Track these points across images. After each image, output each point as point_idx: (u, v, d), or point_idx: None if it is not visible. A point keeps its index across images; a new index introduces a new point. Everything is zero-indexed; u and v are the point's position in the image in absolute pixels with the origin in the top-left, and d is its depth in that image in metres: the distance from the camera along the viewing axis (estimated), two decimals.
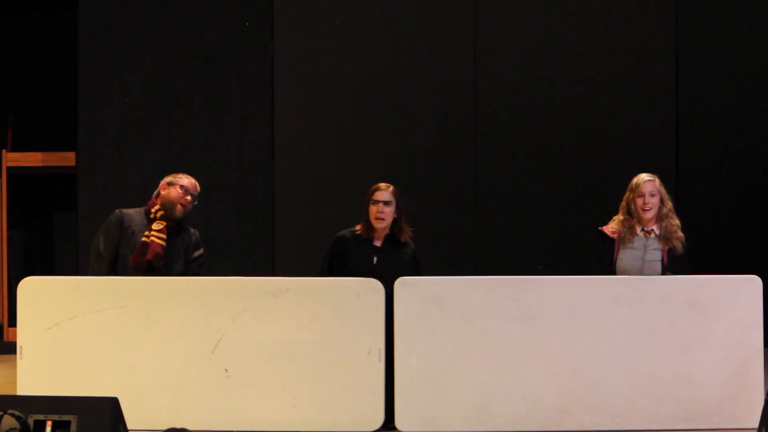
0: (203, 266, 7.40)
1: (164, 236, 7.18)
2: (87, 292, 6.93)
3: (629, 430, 6.76)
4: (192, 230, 7.42)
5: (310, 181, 10.34)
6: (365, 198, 7.17)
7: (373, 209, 7.11)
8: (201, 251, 7.42)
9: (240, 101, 10.38)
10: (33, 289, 6.98)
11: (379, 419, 6.85)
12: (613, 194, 7.42)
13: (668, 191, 7.22)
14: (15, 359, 6.97)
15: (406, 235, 7.20)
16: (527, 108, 10.33)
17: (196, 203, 7.38)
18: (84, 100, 10.37)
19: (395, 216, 7.13)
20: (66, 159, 10.80)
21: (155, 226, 7.18)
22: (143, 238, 7.15)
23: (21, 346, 6.93)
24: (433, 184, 10.29)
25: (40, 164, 11.07)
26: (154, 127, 10.38)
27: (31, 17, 11.38)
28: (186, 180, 7.34)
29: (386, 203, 7.09)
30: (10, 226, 11.10)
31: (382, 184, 7.18)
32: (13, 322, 9.98)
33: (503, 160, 10.31)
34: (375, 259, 7.12)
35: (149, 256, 7.10)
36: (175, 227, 7.27)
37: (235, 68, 10.39)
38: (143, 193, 7.83)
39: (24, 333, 6.94)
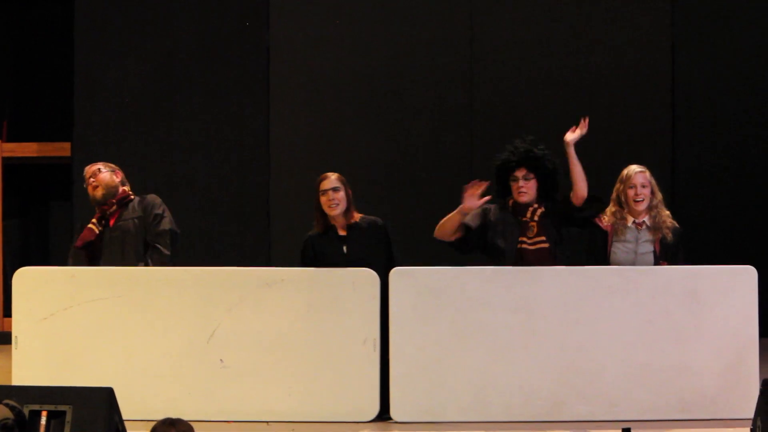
0: (162, 221, 7.30)
1: (95, 220, 7.30)
2: (82, 283, 6.93)
3: (625, 420, 6.75)
4: (147, 201, 7.40)
5: (305, 172, 10.29)
6: (315, 193, 7.14)
7: (323, 199, 7.07)
8: (158, 210, 7.34)
9: (236, 92, 10.36)
10: (28, 280, 6.98)
11: (375, 409, 6.85)
12: (609, 186, 7.40)
13: (664, 183, 7.24)
14: (10, 349, 6.97)
15: (355, 217, 7.16)
16: (522, 100, 10.31)
17: (105, 175, 7.38)
18: (80, 91, 10.35)
19: (348, 201, 7.11)
20: (61, 149, 10.77)
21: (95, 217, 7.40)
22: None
23: (16, 337, 6.93)
24: (430, 175, 10.27)
25: (35, 155, 11.04)
26: (149, 117, 10.36)
27: (27, 7, 11.35)
28: (85, 172, 7.48)
29: (335, 189, 7.07)
30: (5, 217, 11.07)
31: (327, 174, 7.17)
32: (8, 312, 9.96)
33: (499, 149, 10.27)
34: (345, 248, 7.11)
35: (77, 243, 7.30)
36: (112, 210, 7.33)
37: (230, 59, 10.37)
38: (138, 184, 7.82)
39: (19, 323, 6.95)
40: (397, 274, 6.87)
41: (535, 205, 7.11)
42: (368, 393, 6.84)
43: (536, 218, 7.07)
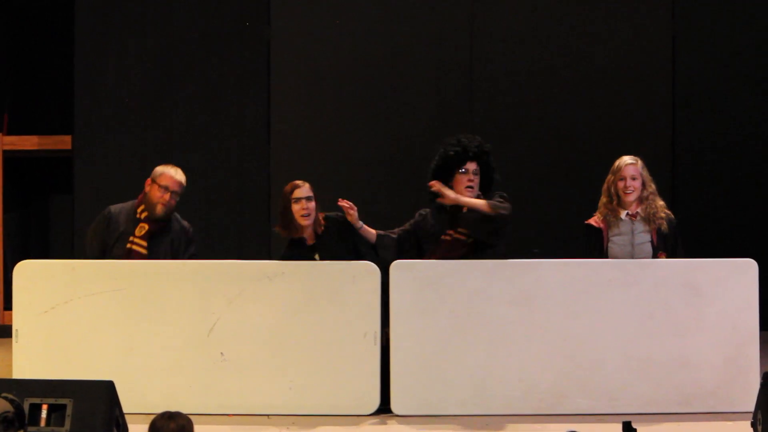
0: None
1: (145, 243, 7.07)
2: (82, 276, 6.93)
3: (625, 414, 6.74)
4: (185, 226, 7.29)
5: (305, 165, 10.30)
6: (282, 200, 7.09)
7: (296, 207, 7.00)
8: (192, 251, 7.27)
9: (236, 84, 10.34)
10: (29, 273, 6.98)
11: (375, 402, 6.85)
12: None
13: (665, 178, 7.21)
14: (11, 343, 6.97)
15: (321, 224, 7.12)
16: (523, 92, 10.29)
17: (178, 199, 7.19)
18: (80, 84, 10.33)
19: (316, 211, 7.06)
20: (62, 142, 10.76)
21: (138, 231, 7.10)
22: (128, 245, 7.08)
23: (17, 330, 6.93)
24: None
25: (36, 148, 11.04)
26: (150, 110, 10.34)
27: (27, 0, 11.34)
28: (168, 179, 7.14)
29: (309, 199, 7.02)
30: (6, 210, 11.06)
31: (298, 182, 7.08)
32: (8, 305, 9.96)
33: (499, 144, 10.22)
34: (317, 256, 7.08)
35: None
36: (161, 226, 7.14)
37: (231, 51, 10.35)
38: (139, 177, 7.79)
39: (20, 316, 6.95)
40: (397, 267, 6.87)
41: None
42: (369, 386, 6.84)
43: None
